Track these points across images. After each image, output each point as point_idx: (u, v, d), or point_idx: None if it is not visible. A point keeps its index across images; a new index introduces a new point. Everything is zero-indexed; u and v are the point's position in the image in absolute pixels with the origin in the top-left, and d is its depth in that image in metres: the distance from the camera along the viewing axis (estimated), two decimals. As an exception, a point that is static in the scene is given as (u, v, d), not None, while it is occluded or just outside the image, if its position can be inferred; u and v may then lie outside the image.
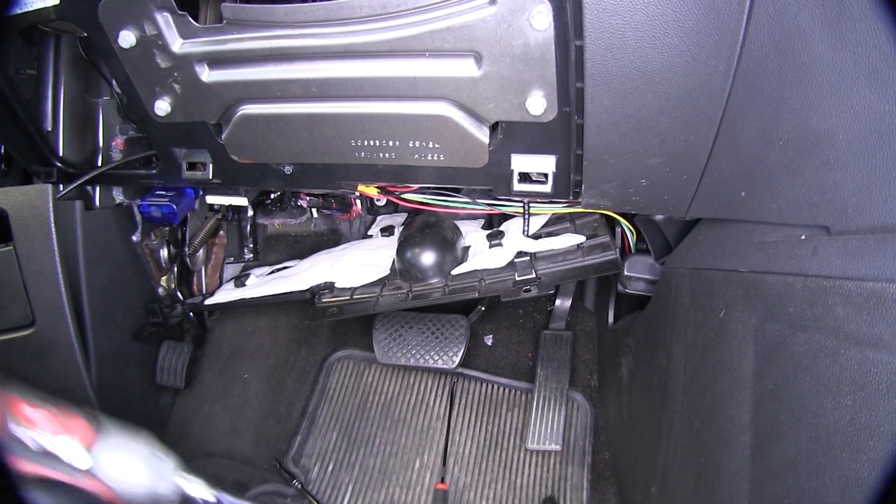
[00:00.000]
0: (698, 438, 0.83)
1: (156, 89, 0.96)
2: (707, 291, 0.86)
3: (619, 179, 0.87)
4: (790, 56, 0.61)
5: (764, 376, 0.67)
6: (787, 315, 0.63)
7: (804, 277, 0.61)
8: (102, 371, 1.19)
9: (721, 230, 0.87)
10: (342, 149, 0.98)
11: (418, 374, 1.62)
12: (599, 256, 1.17)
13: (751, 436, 0.68)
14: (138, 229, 1.36)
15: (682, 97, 0.72)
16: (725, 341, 0.77)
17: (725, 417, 0.74)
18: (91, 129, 1.26)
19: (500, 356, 1.66)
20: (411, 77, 0.85)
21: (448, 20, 0.77)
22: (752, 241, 0.75)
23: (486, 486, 1.42)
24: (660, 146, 0.79)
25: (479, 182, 1.01)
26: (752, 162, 0.72)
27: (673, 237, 1.09)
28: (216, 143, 1.03)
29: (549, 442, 1.43)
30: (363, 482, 1.45)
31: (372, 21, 0.80)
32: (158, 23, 0.87)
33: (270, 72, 0.89)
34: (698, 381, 0.85)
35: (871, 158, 0.55)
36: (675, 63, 0.69)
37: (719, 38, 0.65)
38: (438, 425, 1.52)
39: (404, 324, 1.58)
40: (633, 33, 0.68)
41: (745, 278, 0.75)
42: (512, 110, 0.85)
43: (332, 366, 1.68)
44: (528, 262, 1.22)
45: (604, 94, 0.75)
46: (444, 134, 0.91)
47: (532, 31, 0.75)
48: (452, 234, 1.38)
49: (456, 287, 1.28)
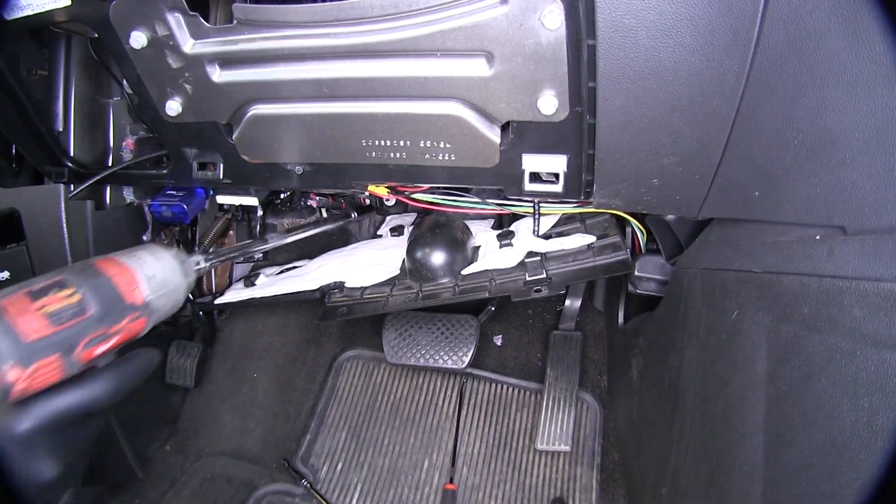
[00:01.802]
0: (710, 440, 0.82)
1: (167, 90, 0.96)
2: (719, 292, 0.85)
3: (630, 179, 0.87)
4: (805, 55, 0.61)
5: (778, 378, 0.66)
6: (802, 316, 0.63)
7: (819, 278, 0.60)
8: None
9: (734, 230, 0.86)
10: (353, 148, 0.98)
11: (427, 374, 1.62)
12: (610, 257, 1.17)
13: (764, 438, 0.67)
14: (149, 229, 1.36)
15: (696, 96, 0.71)
16: (738, 342, 0.76)
17: (738, 419, 0.74)
18: (102, 129, 1.27)
19: (510, 356, 1.66)
20: (422, 77, 0.84)
21: (459, 20, 0.77)
22: (766, 242, 0.75)
23: (495, 487, 1.42)
24: (672, 146, 0.78)
25: (489, 182, 1.00)
26: (766, 161, 0.72)
27: (684, 237, 1.08)
28: (227, 144, 1.03)
29: (558, 443, 1.43)
30: (372, 482, 1.46)
31: (383, 21, 0.80)
32: (170, 23, 0.88)
33: (281, 72, 0.89)
34: (711, 382, 0.84)
35: (887, 157, 0.54)
36: (688, 62, 0.68)
37: (733, 36, 0.65)
38: (447, 425, 1.53)
39: (414, 324, 1.58)
40: (645, 32, 0.67)
41: (758, 279, 0.74)
42: (523, 110, 0.85)
43: (342, 365, 1.68)
44: (538, 263, 1.22)
45: (616, 93, 0.75)
46: (456, 134, 0.90)
47: (544, 30, 0.75)
48: (463, 233, 1.38)
49: (466, 287, 1.28)
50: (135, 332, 0.61)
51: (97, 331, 0.55)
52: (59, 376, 0.54)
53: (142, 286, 0.60)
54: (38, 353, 0.52)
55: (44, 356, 0.52)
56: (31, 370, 0.51)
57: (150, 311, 0.61)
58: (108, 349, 0.58)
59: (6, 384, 0.50)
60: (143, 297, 0.60)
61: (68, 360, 0.54)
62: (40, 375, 0.52)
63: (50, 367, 0.53)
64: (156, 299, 0.62)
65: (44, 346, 0.52)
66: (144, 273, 0.61)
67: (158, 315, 0.63)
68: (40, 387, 0.54)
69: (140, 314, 0.60)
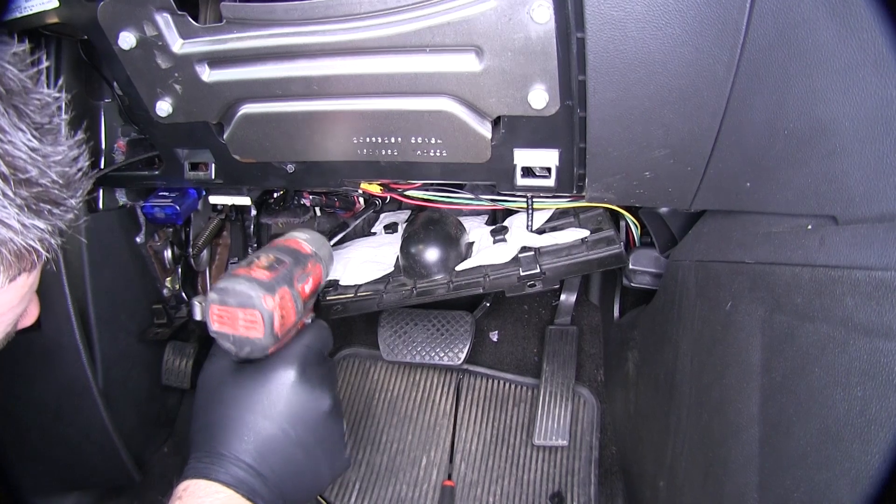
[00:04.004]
0: (706, 432, 0.82)
1: (157, 90, 0.95)
2: (713, 284, 0.85)
3: (622, 172, 0.87)
4: (794, 44, 0.61)
5: (772, 368, 0.66)
6: (795, 306, 0.63)
7: (811, 268, 0.60)
8: (109, 372, 1.19)
9: (726, 222, 0.86)
10: (344, 146, 0.97)
11: (424, 370, 1.62)
12: (604, 250, 1.17)
13: (759, 428, 0.68)
14: (142, 231, 1.36)
15: (686, 88, 0.71)
16: (732, 334, 0.77)
17: (733, 410, 0.74)
18: (93, 131, 1.26)
19: (506, 352, 1.66)
20: (412, 73, 0.84)
21: (448, 15, 0.76)
22: (758, 232, 0.75)
23: (494, 483, 1.42)
24: (664, 138, 0.78)
25: (481, 177, 1.00)
26: (757, 152, 0.72)
27: (678, 230, 1.08)
28: (218, 143, 1.03)
29: (555, 437, 1.43)
30: (370, 480, 1.46)
31: (371, 17, 0.80)
32: (158, 23, 0.87)
33: (271, 70, 0.88)
34: (705, 374, 0.84)
35: (878, 146, 0.54)
36: (677, 54, 0.68)
37: (722, 27, 0.64)
38: (445, 422, 1.53)
39: (409, 321, 1.58)
40: (634, 24, 0.67)
41: (751, 270, 0.74)
42: (514, 104, 0.84)
43: (338, 364, 1.68)
44: (532, 258, 1.22)
45: (606, 86, 0.74)
46: (447, 129, 0.90)
47: (533, 24, 0.74)
48: (456, 230, 1.37)
49: (460, 283, 1.28)
50: (319, 275, 0.80)
51: (297, 271, 0.75)
52: (294, 308, 0.72)
53: (304, 245, 0.81)
54: (275, 286, 0.69)
55: (279, 287, 0.69)
56: (278, 299, 0.68)
57: (319, 258, 0.81)
58: (313, 288, 0.78)
59: (267, 310, 0.67)
60: (311, 250, 0.80)
61: (293, 292, 0.72)
62: (285, 305, 0.70)
63: (287, 298, 0.71)
64: (317, 250, 0.82)
65: (276, 281, 0.70)
66: (300, 237, 0.82)
67: (325, 263, 0.83)
68: (289, 318, 0.71)
69: (314, 260, 0.80)
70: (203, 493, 0.64)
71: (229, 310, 0.68)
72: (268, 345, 0.69)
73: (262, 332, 0.67)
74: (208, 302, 0.69)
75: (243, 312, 0.67)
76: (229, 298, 0.68)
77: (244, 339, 0.68)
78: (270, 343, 0.69)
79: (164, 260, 1.45)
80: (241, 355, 0.70)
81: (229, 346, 0.70)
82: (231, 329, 0.68)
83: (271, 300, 0.68)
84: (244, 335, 0.68)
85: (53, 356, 1.03)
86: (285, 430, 0.69)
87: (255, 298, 0.67)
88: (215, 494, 0.64)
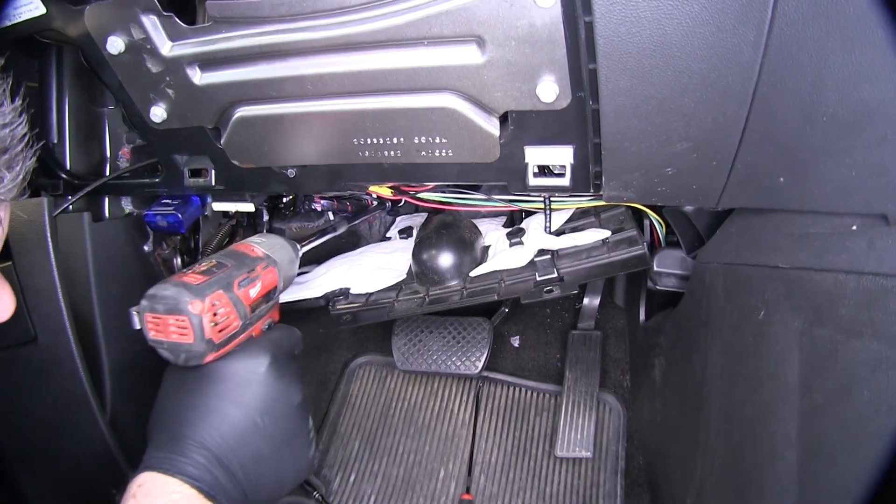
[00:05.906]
0: (737, 453, 0.75)
1: (150, 95, 0.92)
2: (744, 289, 0.78)
3: (641, 169, 0.80)
4: (832, 16, 0.53)
5: (812, 388, 0.59)
6: (839, 319, 0.55)
7: (858, 275, 0.53)
8: (117, 382, 1.17)
9: (757, 221, 0.79)
10: (344, 148, 0.92)
11: (442, 378, 1.57)
12: (626, 252, 1.10)
13: (797, 455, 0.60)
14: (149, 239, 1.33)
15: (708, 73, 0.64)
16: (766, 346, 0.69)
17: (767, 432, 0.66)
18: (97, 139, 1.24)
19: (528, 358, 1.59)
20: (411, 68, 0.79)
21: (445, 3, 0.71)
22: (794, 234, 0.67)
23: (514, 496, 1.36)
24: (685, 130, 0.71)
25: (492, 178, 0.94)
26: (791, 143, 0.64)
27: (704, 229, 1.00)
28: (216, 149, 0.99)
29: (579, 448, 1.37)
30: (386, 493, 1.41)
31: (363, 10, 0.75)
32: (145, 26, 0.84)
33: (263, 71, 0.84)
34: (737, 389, 0.77)
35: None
36: (697, 34, 0.61)
37: (746, 1, 0.57)
38: (463, 433, 1.47)
39: (424, 328, 1.53)
40: (647, 3, 0.60)
41: (786, 275, 0.67)
42: (522, 98, 0.78)
43: (354, 372, 1.64)
44: (549, 261, 1.16)
45: (619, 74, 0.68)
46: (451, 127, 0.85)
47: (537, 8, 0.68)
48: (470, 233, 1.32)
49: (475, 289, 1.22)
50: (272, 280, 0.80)
51: (239, 275, 0.74)
52: (234, 312, 0.71)
53: (256, 248, 0.82)
54: (205, 290, 0.68)
55: (211, 291, 0.69)
56: (208, 303, 0.67)
57: (273, 262, 0.82)
58: (262, 292, 0.77)
59: (195, 314, 0.66)
60: (262, 253, 0.81)
61: (231, 296, 0.71)
62: (218, 307, 0.69)
63: (222, 301, 0.70)
64: (271, 253, 0.82)
65: (207, 285, 0.69)
66: (254, 241, 0.84)
67: (282, 266, 0.83)
68: (229, 324, 0.70)
69: (266, 264, 0.80)
70: (159, 491, 0.60)
71: (160, 317, 0.67)
72: (202, 351, 0.68)
73: (192, 338, 0.67)
74: (141, 310, 0.69)
75: (173, 318, 0.67)
76: (157, 305, 0.67)
77: (178, 346, 0.68)
78: (205, 349, 0.68)
79: (174, 268, 1.43)
80: (180, 363, 0.69)
81: (166, 353, 0.69)
82: (164, 336, 0.68)
83: (199, 304, 0.67)
84: (177, 341, 0.67)
85: (50, 369, 1.01)
86: (254, 421, 0.66)
87: (181, 303, 0.66)
88: (171, 494, 0.60)
